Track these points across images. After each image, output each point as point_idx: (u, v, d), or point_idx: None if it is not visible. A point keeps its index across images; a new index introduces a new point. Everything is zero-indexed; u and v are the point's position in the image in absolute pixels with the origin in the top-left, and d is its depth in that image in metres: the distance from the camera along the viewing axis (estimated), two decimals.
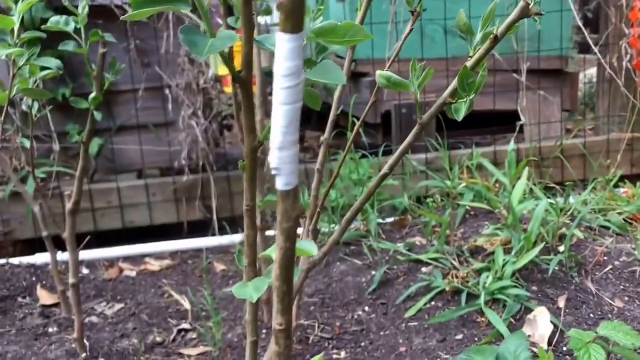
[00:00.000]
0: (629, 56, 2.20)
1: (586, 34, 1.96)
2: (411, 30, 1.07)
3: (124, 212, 2.28)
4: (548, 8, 2.46)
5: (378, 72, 0.93)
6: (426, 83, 0.95)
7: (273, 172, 0.35)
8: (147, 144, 2.37)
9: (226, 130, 2.99)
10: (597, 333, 1.03)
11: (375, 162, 2.28)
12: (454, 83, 0.91)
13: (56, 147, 2.23)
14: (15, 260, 2.00)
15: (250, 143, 0.71)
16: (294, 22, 0.31)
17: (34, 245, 2.16)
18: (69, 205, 1.43)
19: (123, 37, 2.26)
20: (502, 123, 2.74)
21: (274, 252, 0.40)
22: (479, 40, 0.92)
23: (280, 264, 0.39)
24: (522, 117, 2.50)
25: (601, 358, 0.97)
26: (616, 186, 2.18)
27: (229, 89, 2.69)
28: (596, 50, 2.10)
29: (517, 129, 2.45)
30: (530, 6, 0.86)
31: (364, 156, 2.29)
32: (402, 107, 2.58)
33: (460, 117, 0.89)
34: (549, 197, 1.95)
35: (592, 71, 3.52)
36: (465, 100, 0.90)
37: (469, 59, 0.93)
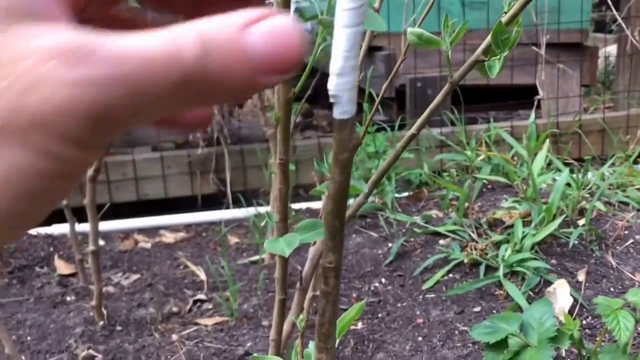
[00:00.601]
0: None
1: (611, 4, 1.93)
2: (433, 3, 1.04)
3: (139, 184, 2.26)
4: None
5: (409, 29, 0.90)
6: (442, 55, 0.92)
7: (331, 100, 0.33)
8: None
9: (239, 108, 2.97)
10: (625, 300, 1.01)
11: (390, 136, 2.25)
12: (487, 40, 0.88)
13: None
14: (32, 231, 2.00)
15: (285, 94, 0.69)
16: None
17: (51, 216, 2.15)
18: (89, 172, 1.42)
19: None
20: (519, 97, 2.71)
21: (328, 186, 0.38)
22: None
23: (334, 198, 0.37)
24: (540, 91, 2.47)
25: (630, 324, 0.95)
26: (635, 162, 2.16)
27: None
28: (620, 20, 2.06)
29: (535, 103, 2.41)
30: None
31: (378, 129, 2.27)
32: (417, 80, 2.55)
33: (493, 74, 0.86)
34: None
35: (610, 49, 3.47)
36: (498, 57, 0.88)
37: (503, 15, 0.90)
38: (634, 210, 1.74)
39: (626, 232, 1.60)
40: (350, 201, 1.04)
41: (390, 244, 1.70)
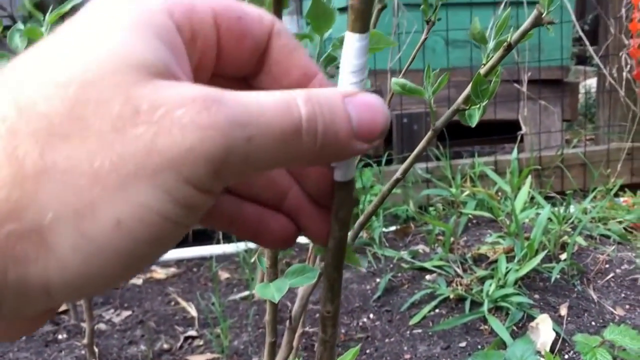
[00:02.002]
0: (629, 66, 2.23)
1: (587, 43, 1.99)
2: (425, 39, 1.09)
3: None
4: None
5: (393, 80, 0.95)
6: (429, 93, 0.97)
7: (332, 164, 0.37)
8: None
9: None
10: (603, 337, 1.05)
11: (377, 171, 2.30)
12: (467, 90, 0.93)
13: None
14: None
15: None
16: (362, 22, 0.34)
17: None
18: None
19: None
20: (503, 132, 2.77)
21: (329, 241, 0.42)
22: (492, 47, 0.94)
23: (333, 252, 0.41)
24: (522, 127, 2.53)
25: None
26: (616, 195, 2.21)
27: None
28: (597, 59, 2.13)
29: (518, 138, 2.47)
30: (543, 15, 0.88)
31: (366, 165, 2.32)
32: (403, 116, 2.61)
33: (473, 123, 0.91)
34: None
35: (590, 82, 3.56)
36: (478, 106, 0.92)
37: (482, 66, 0.95)
38: (615, 244, 1.79)
39: (607, 265, 1.64)
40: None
41: (378, 279, 1.73)
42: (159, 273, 2.01)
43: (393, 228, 2.09)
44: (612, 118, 2.47)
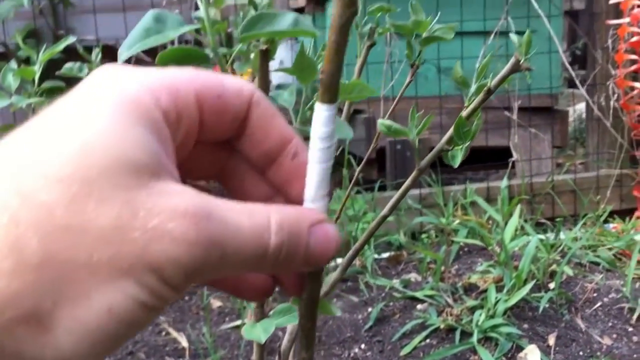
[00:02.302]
0: (615, 95, 2.27)
1: (574, 75, 2.03)
2: (410, 80, 1.12)
3: None
4: (538, 49, 2.54)
5: (379, 121, 0.98)
6: (421, 121, 0.99)
7: None
8: None
9: None
10: None
11: (370, 198, 2.32)
12: (450, 131, 0.96)
13: None
14: None
15: None
16: (331, 94, 0.37)
17: None
18: None
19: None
20: (495, 159, 2.80)
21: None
22: (474, 91, 0.97)
23: (306, 303, 0.44)
24: (513, 153, 2.56)
25: None
26: (606, 221, 2.24)
27: None
28: (583, 90, 2.17)
29: (510, 165, 2.50)
30: (521, 62, 0.91)
31: (359, 191, 2.34)
32: (396, 143, 2.64)
33: (456, 163, 0.94)
34: (539, 233, 2.00)
35: (582, 105, 3.60)
36: (460, 147, 0.95)
37: (464, 108, 0.98)
38: (604, 271, 1.81)
39: (595, 294, 1.67)
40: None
41: (370, 309, 1.75)
42: None
43: (386, 255, 2.11)
44: (601, 145, 2.51)
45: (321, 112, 0.37)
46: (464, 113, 0.96)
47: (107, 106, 0.29)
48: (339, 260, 1.16)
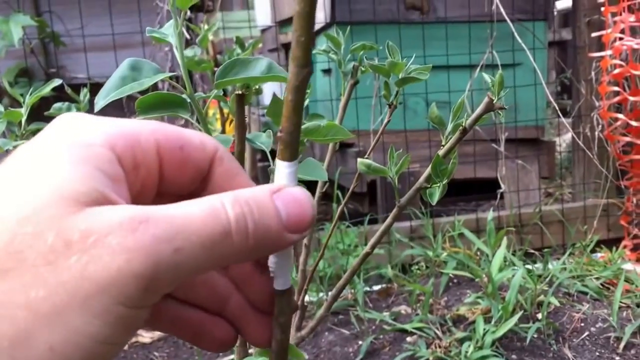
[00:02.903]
0: (600, 126, 2.31)
1: (557, 107, 2.07)
2: (389, 120, 1.16)
3: None
4: (524, 81, 2.59)
5: (358, 160, 1.01)
6: (410, 152, 1.02)
7: (271, 274, 0.42)
8: None
9: None
10: None
11: (361, 232, 2.35)
12: (429, 169, 0.99)
13: None
14: None
15: None
16: (290, 152, 0.38)
17: None
18: None
19: (119, 111, 2.34)
20: (484, 190, 2.83)
21: (272, 344, 0.47)
22: (450, 130, 1.00)
23: (277, 354, 0.46)
24: (501, 185, 2.59)
25: None
26: (593, 251, 2.26)
27: None
28: (566, 122, 2.21)
29: (498, 196, 2.53)
30: (495, 101, 0.95)
31: (349, 225, 2.36)
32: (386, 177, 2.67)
33: (434, 201, 0.96)
34: (528, 264, 2.02)
35: (569, 136, 3.65)
36: (438, 185, 0.98)
37: (441, 147, 1.01)
38: (591, 301, 1.83)
39: (582, 324, 1.68)
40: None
41: (360, 342, 1.76)
42: (145, 337, 2.03)
43: (377, 287, 2.12)
44: (588, 175, 2.54)
45: (282, 169, 0.39)
46: (441, 152, 0.99)
47: (58, 150, 0.29)
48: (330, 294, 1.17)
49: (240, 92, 0.72)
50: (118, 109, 2.35)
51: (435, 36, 2.63)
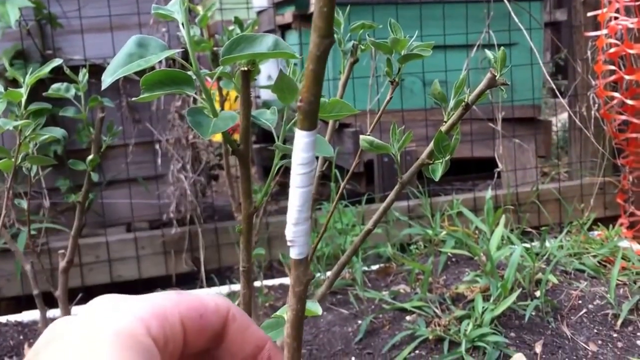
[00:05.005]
0: (596, 105, 2.31)
1: (554, 86, 2.07)
2: (391, 97, 1.15)
3: (112, 266, 2.32)
4: (520, 61, 2.59)
5: (361, 137, 1.00)
6: (404, 135, 1.02)
7: (289, 244, 0.42)
8: (137, 197, 2.42)
9: (213, 180, 3.06)
10: None
11: (359, 211, 2.35)
12: (431, 145, 0.99)
13: (46, 202, 2.28)
14: (2, 319, 2.02)
15: (247, 208, 0.78)
16: (310, 121, 0.39)
17: (20, 303, 2.18)
18: (62, 264, 1.47)
19: (115, 94, 2.33)
20: (481, 169, 2.83)
21: (287, 313, 0.47)
22: (452, 106, 1.00)
23: (292, 324, 0.46)
24: (498, 164, 2.60)
25: None
26: (590, 229, 2.27)
27: (217, 137, 2.77)
28: (564, 101, 2.21)
29: (495, 175, 2.54)
30: (497, 77, 0.94)
31: (347, 205, 2.36)
32: (383, 156, 2.67)
33: (437, 177, 0.96)
34: (525, 242, 2.03)
35: (566, 115, 3.65)
36: (441, 161, 0.98)
37: (443, 123, 1.01)
38: (589, 278, 1.84)
39: (580, 301, 1.69)
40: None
41: (360, 321, 1.77)
42: None
43: (376, 267, 2.13)
44: (584, 154, 2.55)
45: (301, 139, 0.39)
46: (444, 128, 0.99)
47: (106, 341, 0.33)
48: (328, 274, 1.17)
49: (245, 68, 0.72)
50: (115, 91, 2.33)
51: (433, 16, 2.61)
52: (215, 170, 2.95)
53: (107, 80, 0.63)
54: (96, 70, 2.22)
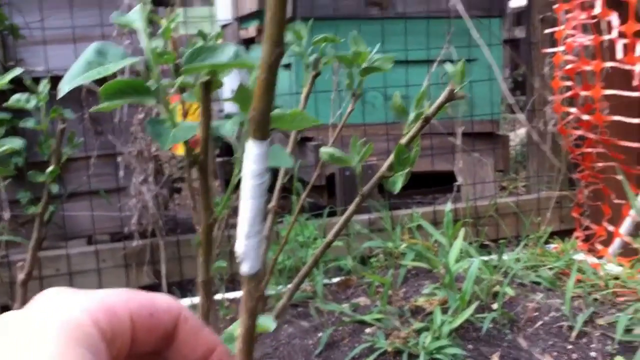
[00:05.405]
0: (553, 121, 2.37)
1: (512, 102, 2.12)
2: (352, 109, 1.17)
3: (73, 279, 2.28)
4: (480, 76, 2.64)
5: (322, 149, 1.02)
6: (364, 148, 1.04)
7: (239, 259, 0.42)
8: (98, 209, 2.39)
9: (176, 193, 3.04)
10: None
11: (320, 224, 2.36)
12: (391, 157, 1.00)
13: (6, 215, 2.24)
14: None
15: (207, 220, 0.78)
16: (261, 131, 0.39)
17: None
18: (20, 276, 1.45)
19: (77, 105, 2.31)
20: (441, 182, 2.87)
21: (238, 328, 0.47)
22: (412, 119, 1.02)
23: (243, 339, 0.46)
24: (458, 178, 2.64)
25: None
26: (547, 242, 2.32)
27: (179, 151, 2.75)
28: (521, 117, 2.26)
29: (455, 189, 2.58)
30: (456, 90, 0.97)
31: (308, 218, 2.37)
32: (345, 169, 2.69)
33: (396, 189, 0.98)
34: (484, 255, 2.06)
35: (524, 130, 3.73)
36: (401, 173, 1.00)
37: (403, 135, 1.03)
38: (545, 291, 1.88)
39: (536, 313, 1.73)
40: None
41: (320, 334, 1.77)
42: None
43: (337, 279, 2.14)
44: (541, 168, 2.61)
45: (252, 150, 0.39)
46: (403, 140, 1.01)
47: (52, 332, 0.33)
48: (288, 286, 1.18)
49: (206, 79, 0.72)
50: (76, 102, 2.31)
51: (395, 31, 2.65)
52: (179, 183, 2.94)
53: (64, 88, 0.63)
54: (58, 82, 2.21)
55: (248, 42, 3.60)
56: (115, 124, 2.35)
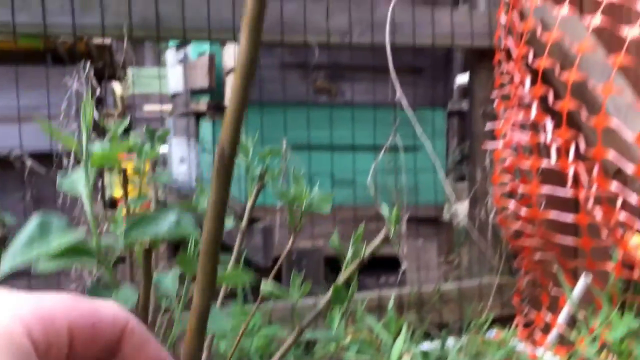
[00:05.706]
0: (493, 212, 2.45)
1: (451, 192, 2.18)
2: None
3: None
4: (425, 163, 2.71)
5: (262, 286, 1.04)
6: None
7: None
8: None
9: None
10: None
11: (266, 310, 2.35)
12: (329, 293, 1.04)
13: None
14: None
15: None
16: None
17: None
18: None
19: (19, 185, 2.28)
20: (388, 265, 2.91)
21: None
22: (349, 258, 1.05)
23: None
24: (402, 263, 2.69)
25: None
26: (490, 326, 2.37)
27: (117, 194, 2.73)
28: (462, 210, 2.33)
29: (399, 274, 2.62)
30: (390, 234, 1.01)
31: (251, 303, 2.37)
32: (291, 252, 2.71)
33: (334, 327, 1.01)
34: (427, 342, 2.09)
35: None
36: (340, 309, 1.03)
37: (344, 266, 1.06)
38: None
39: None
40: None
41: None
42: None
43: None
44: (482, 256, 2.67)
45: None
46: (340, 278, 1.04)
47: None
48: None
49: (147, 247, 0.74)
50: (19, 180, 2.29)
51: (343, 117, 2.72)
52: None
53: (4, 268, 0.63)
54: (3, 162, 2.18)
55: (198, 115, 3.64)
56: (59, 205, 2.32)
